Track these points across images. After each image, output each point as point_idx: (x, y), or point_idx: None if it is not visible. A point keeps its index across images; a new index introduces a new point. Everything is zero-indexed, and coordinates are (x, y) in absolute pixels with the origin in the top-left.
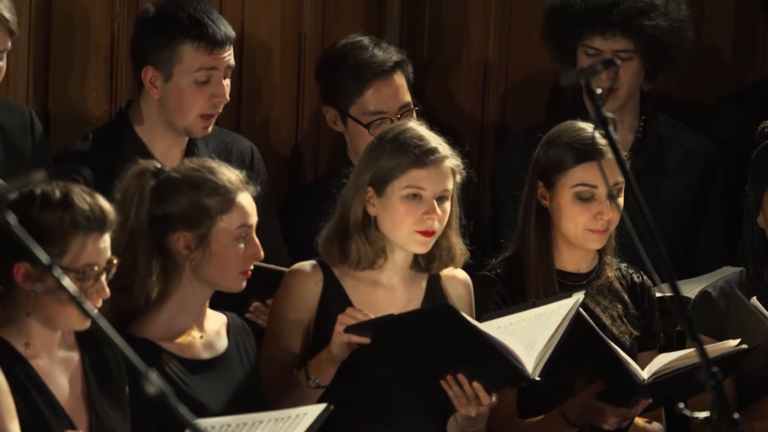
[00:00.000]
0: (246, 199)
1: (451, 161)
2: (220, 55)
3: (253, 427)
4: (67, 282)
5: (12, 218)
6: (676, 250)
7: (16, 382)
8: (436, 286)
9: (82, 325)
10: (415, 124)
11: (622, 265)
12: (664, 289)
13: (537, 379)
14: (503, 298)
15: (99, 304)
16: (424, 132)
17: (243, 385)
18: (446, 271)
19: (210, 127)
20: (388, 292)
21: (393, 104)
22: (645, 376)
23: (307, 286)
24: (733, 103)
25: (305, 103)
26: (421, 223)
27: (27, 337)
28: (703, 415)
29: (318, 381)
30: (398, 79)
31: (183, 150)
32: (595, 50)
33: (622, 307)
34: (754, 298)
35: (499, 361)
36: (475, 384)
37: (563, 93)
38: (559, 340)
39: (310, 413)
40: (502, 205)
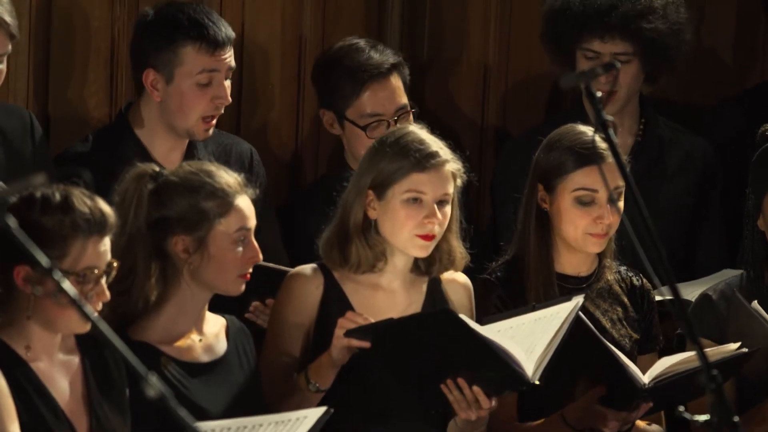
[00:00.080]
0: (244, 203)
1: (452, 165)
2: (221, 56)
3: (253, 430)
4: (67, 285)
5: (12, 221)
6: (676, 252)
7: (16, 385)
8: (437, 289)
9: (82, 328)
10: (416, 128)
11: (622, 268)
12: (664, 291)
13: (537, 383)
14: (503, 302)
15: (99, 307)
16: (425, 136)
17: (243, 388)
18: (447, 275)
19: (211, 130)
20: (389, 295)
21: (390, 106)
22: (646, 380)
23: (308, 290)
24: (734, 105)
25: (305, 106)
26: (421, 227)
27: (27, 340)
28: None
29: (318, 385)
30: (395, 81)
31: (183, 152)
32: (594, 53)
33: (621, 310)
34: (755, 302)
35: (499, 365)
36: (475, 388)
37: (563, 96)
38: (558, 343)
39: (310, 416)
40: (501, 208)
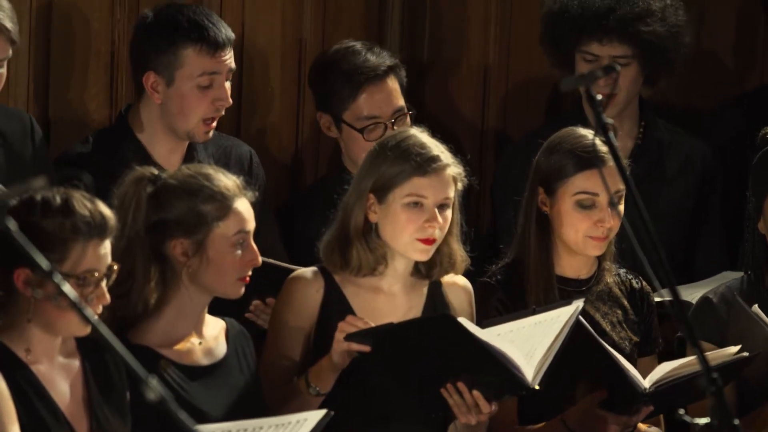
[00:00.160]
0: (243, 205)
1: (453, 169)
2: (222, 58)
3: None
4: (67, 288)
5: (12, 224)
6: (676, 255)
7: (16, 388)
8: (437, 292)
9: (82, 331)
10: (417, 131)
11: (621, 271)
12: (664, 294)
13: (536, 387)
14: (504, 305)
15: (99, 310)
16: (426, 139)
17: (242, 390)
18: (447, 278)
19: (211, 132)
20: (389, 298)
21: (386, 109)
22: (646, 384)
23: (308, 293)
24: (734, 108)
25: (305, 108)
26: (422, 230)
27: (27, 343)
28: (703, 421)
29: (318, 388)
30: (391, 84)
31: (183, 154)
32: (593, 56)
33: (621, 312)
34: (756, 305)
35: (499, 370)
36: (475, 392)
37: (563, 98)
38: (558, 348)
39: (310, 419)
40: (501, 211)
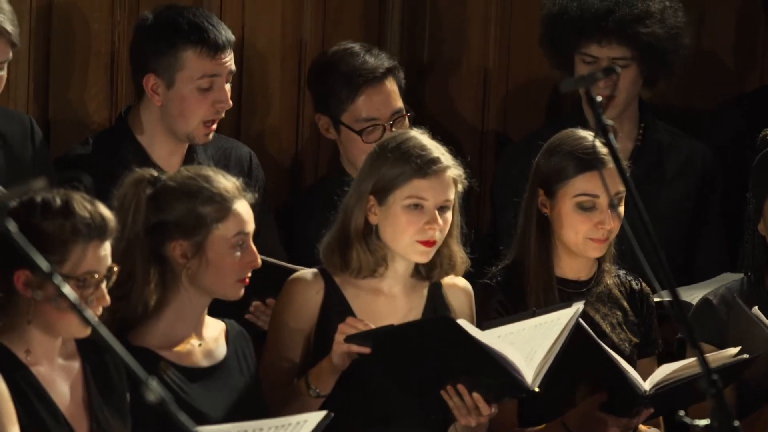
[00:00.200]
0: (243, 207)
1: (453, 171)
2: (222, 60)
3: None
4: (67, 289)
5: (12, 226)
6: (675, 257)
7: (16, 389)
8: (437, 294)
9: (82, 333)
10: (417, 133)
11: (621, 272)
12: (664, 295)
13: (536, 390)
14: (504, 306)
15: (99, 311)
16: (427, 141)
17: (242, 392)
18: (447, 280)
19: (212, 134)
20: (390, 300)
21: (385, 110)
22: (647, 387)
23: (308, 295)
24: (734, 109)
25: (305, 110)
26: (422, 233)
27: (27, 345)
28: (703, 423)
29: (318, 390)
30: (390, 85)
31: (183, 156)
32: (592, 58)
33: (621, 314)
34: (756, 307)
35: (499, 372)
36: (475, 394)
37: (563, 100)
38: (559, 350)
39: (310, 421)
40: (501, 213)
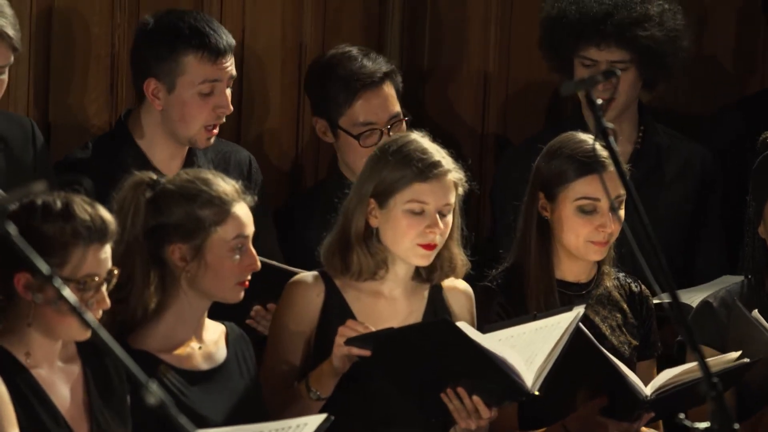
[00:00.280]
0: (242, 210)
1: (454, 174)
2: (223, 65)
3: None
4: (67, 292)
5: (12, 229)
6: (675, 259)
7: (16, 392)
8: (438, 297)
9: (82, 336)
10: (417, 136)
11: (620, 275)
12: (664, 298)
13: (536, 393)
14: (505, 309)
15: (99, 314)
16: (428, 144)
17: (242, 395)
18: (448, 282)
19: (213, 138)
20: (390, 303)
21: (383, 115)
22: (648, 392)
23: (309, 298)
24: (734, 112)
25: (305, 113)
26: (423, 236)
27: (28, 347)
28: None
29: (319, 393)
30: (387, 90)
31: (183, 160)
32: (591, 61)
33: (621, 316)
34: (756, 311)
35: (498, 375)
36: (475, 398)
37: (563, 103)
38: (559, 354)
39: (310, 424)
40: (501, 216)
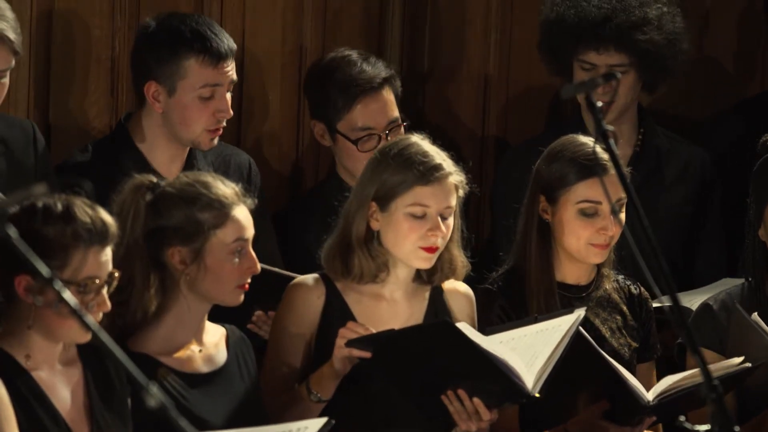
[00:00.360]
0: (242, 213)
1: (455, 177)
2: (224, 69)
3: None
4: (67, 295)
5: (12, 231)
6: (675, 262)
7: (17, 394)
8: (439, 299)
9: (83, 338)
10: (418, 139)
11: (620, 277)
12: (664, 300)
13: (537, 395)
14: (506, 311)
15: (100, 317)
16: (428, 147)
17: (243, 398)
18: (448, 285)
19: (216, 139)
20: (391, 305)
21: (381, 120)
22: (650, 397)
23: (310, 300)
24: (734, 115)
25: (306, 116)
26: (425, 239)
27: (28, 350)
28: (704, 428)
29: (319, 395)
30: (386, 95)
31: (183, 163)
32: (590, 65)
33: (621, 318)
34: (755, 314)
35: (499, 377)
36: (475, 400)
37: (563, 106)
38: (559, 356)
39: (311, 427)
40: (501, 218)
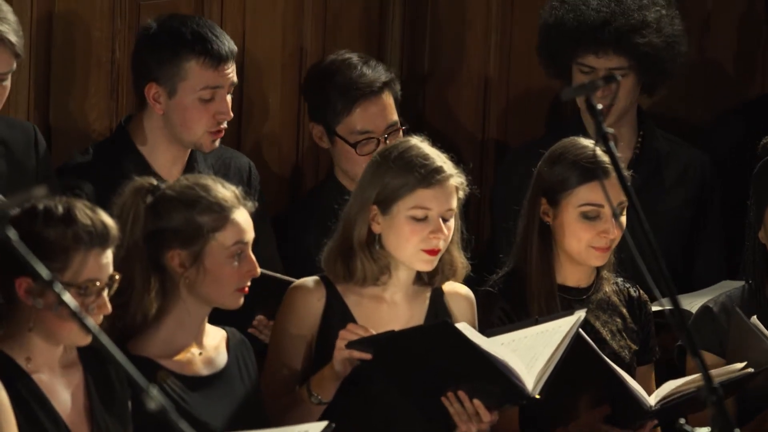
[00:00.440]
0: (242, 216)
1: (456, 179)
2: (225, 71)
3: None
4: (67, 297)
5: (12, 233)
6: (675, 264)
7: (17, 397)
8: (439, 301)
9: (83, 341)
10: (418, 141)
11: (619, 280)
12: (664, 303)
13: (537, 397)
14: (506, 314)
15: (100, 319)
16: (429, 150)
17: (243, 400)
18: (449, 287)
19: (218, 141)
20: (391, 307)
21: (380, 124)
22: (652, 402)
23: (310, 302)
24: (735, 117)
25: (306, 119)
26: (427, 242)
27: (28, 352)
28: (704, 430)
29: (320, 397)
30: (386, 99)
31: (184, 165)
32: (589, 68)
33: (621, 321)
34: (755, 317)
35: (499, 378)
36: (476, 401)
37: (564, 108)
38: (560, 358)
39: (311, 431)
40: (501, 220)
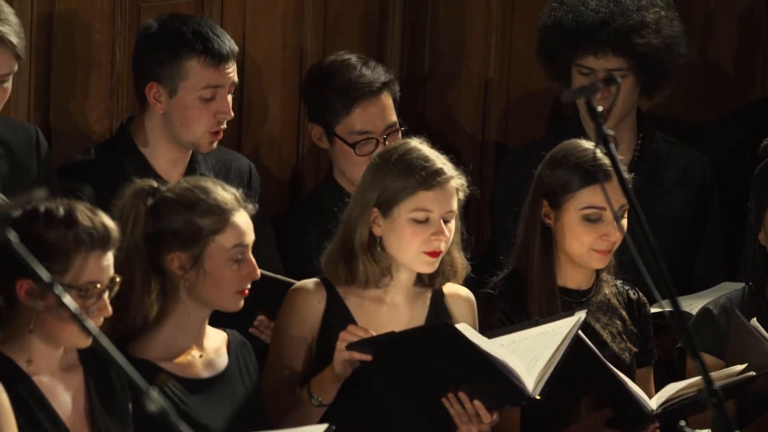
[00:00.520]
0: (242, 219)
1: (456, 181)
2: (225, 71)
3: None
4: (68, 300)
5: (13, 235)
6: (674, 266)
7: (17, 399)
8: (440, 303)
9: (83, 343)
10: (417, 143)
11: (618, 282)
12: (664, 305)
13: (537, 397)
14: (507, 316)
15: (100, 322)
16: (428, 152)
17: (244, 402)
18: (450, 289)
19: (216, 142)
20: (392, 309)
21: (380, 124)
22: (654, 405)
23: (310, 304)
24: (735, 119)
25: (306, 120)
26: (428, 244)
27: (29, 354)
28: None
29: (320, 399)
30: (385, 100)
31: (185, 167)
32: (588, 69)
33: (621, 323)
34: (754, 319)
35: (499, 379)
36: (476, 402)
37: (564, 110)
38: (560, 359)
39: None
40: (501, 222)
